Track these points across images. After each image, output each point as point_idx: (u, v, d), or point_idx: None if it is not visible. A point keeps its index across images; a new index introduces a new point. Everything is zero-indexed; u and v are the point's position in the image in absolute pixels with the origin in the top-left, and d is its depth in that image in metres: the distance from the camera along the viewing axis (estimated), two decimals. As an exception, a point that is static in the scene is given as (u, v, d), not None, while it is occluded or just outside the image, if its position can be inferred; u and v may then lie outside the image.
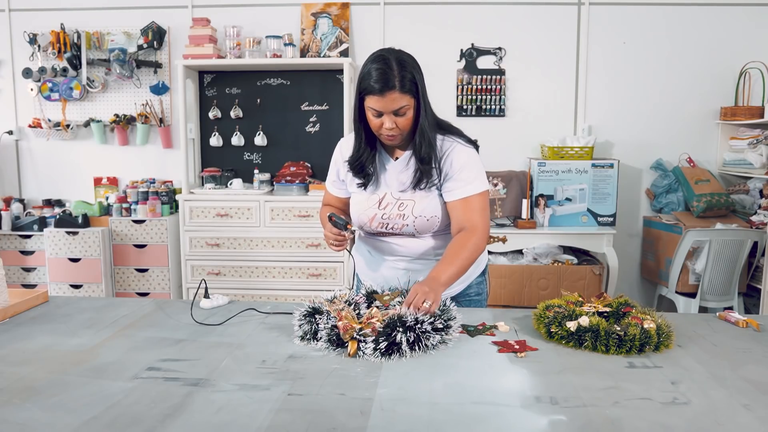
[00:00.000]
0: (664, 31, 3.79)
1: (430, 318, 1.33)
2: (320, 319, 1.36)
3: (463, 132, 1.68)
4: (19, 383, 1.14)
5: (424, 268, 1.69)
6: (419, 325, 1.30)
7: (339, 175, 1.75)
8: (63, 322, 1.52)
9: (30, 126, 4.04)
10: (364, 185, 1.67)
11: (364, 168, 1.65)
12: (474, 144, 1.67)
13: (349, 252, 1.78)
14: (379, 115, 1.52)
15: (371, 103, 1.51)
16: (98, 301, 1.74)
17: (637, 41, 3.80)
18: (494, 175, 3.62)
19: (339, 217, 1.60)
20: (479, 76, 3.86)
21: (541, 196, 3.55)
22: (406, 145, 1.65)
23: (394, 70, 1.49)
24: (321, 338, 1.33)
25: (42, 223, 3.77)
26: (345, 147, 1.72)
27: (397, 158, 1.66)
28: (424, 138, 1.57)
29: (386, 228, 1.66)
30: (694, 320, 1.55)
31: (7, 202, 3.95)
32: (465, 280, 1.74)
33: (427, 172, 1.59)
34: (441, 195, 1.63)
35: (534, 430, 0.97)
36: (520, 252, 3.56)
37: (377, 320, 1.31)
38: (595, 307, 1.45)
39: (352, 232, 1.58)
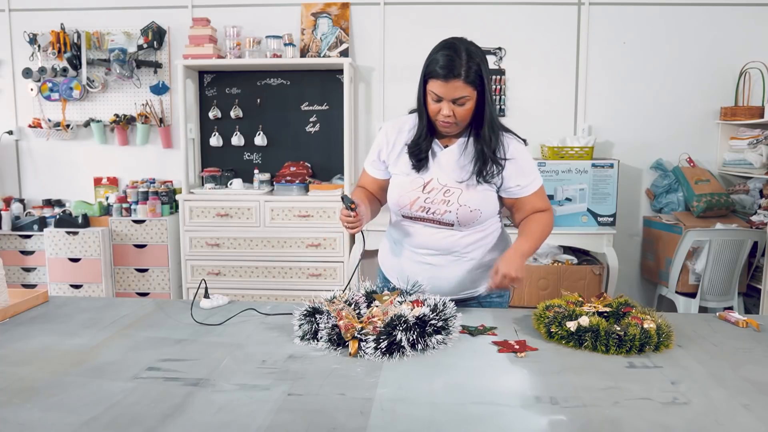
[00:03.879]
0: (664, 31, 3.78)
1: (431, 318, 1.33)
2: (320, 318, 1.36)
3: (511, 129, 1.71)
4: (19, 383, 1.14)
5: (447, 263, 1.68)
6: (420, 325, 1.31)
7: (380, 156, 1.75)
8: (63, 322, 1.52)
9: (30, 126, 4.04)
10: (417, 168, 1.67)
11: (420, 151, 1.66)
12: (524, 141, 1.71)
13: (362, 235, 1.78)
14: (439, 100, 1.55)
15: (434, 87, 1.54)
16: (98, 301, 1.75)
17: (637, 41, 3.80)
18: (494, 175, 3.62)
19: (346, 197, 1.60)
20: (479, 76, 3.85)
21: (541, 196, 3.54)
22: (458, 135, 1.67)
23: (462, 59, 1.51)
24: (321, 338, 1.33)
25: (42, 223, 3.77)
26: (391, 129, 1.74)
27: (447, 146, 1.68)
28: (493, 130, 1.60)
29: (427, 212, 1.65)
30: (694, 320, 1.55)
31: (7, 202, 3.95)
32: (488, 280, 1.74)
33: (494, 161, 1.61)
34: (495, 191, 1.66)
35: (534, 430, 0.97)
36: (520, 252, 3.56)
37: (378, 319, 1.32)
38: (595, 307, 1.45)
39: (354, 209, 1.58)
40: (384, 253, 1.84)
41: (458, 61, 1.51)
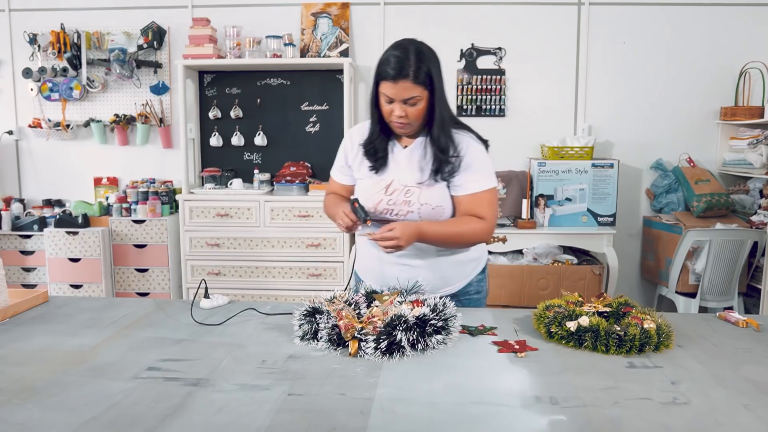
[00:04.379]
0: (664, 31, 3.79)
1: (430, 318, 1.33)
2: (320, 318, 1.36)
3: (474, 130, 1.70)
4: (19, 383, 1.14)
5: (421, 264, 1.68)
6: (420, 325, 1.31)
7: (347, 161, 1.77)
8: (63, 322, 1.52)
9: (30, 126, 4.04)
10: (375, 169, 1.68)
11: (376, 152, 1.68)
12: (485, 143, 1.69)
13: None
14: (391, 101, 1.56)
15: (384, 88, 1.55)
16: (98, 301, 1.74)
17: (637, 41, 3.80)
18: (494, 175, 3.62)
19: (363, 208, 1.61)
20: (479, 76, 3.85)
21: (541, 196, 3.55)
22: (416, 135, 1.67)
23: (411, 60, 1.53)
24: (321, 338, 1.33)
25: (42, 223, 3.77)
26: (356, 134, 1.75)
27: (406, 146, 1.68)
28: (443, 130, 1.60)
29: (391, 214, 1.66)
30: (694, 320, 1.55)
31: (7, 202, 3.95)
32: (465, 277, 1.75)
33: (446, 161, 1.60)
34: (449, 187, 1.64)
35: (534, 430, 0.97)
36: (520, 252, 3.56)
37: (378, 319, 1.32)
38: (595, 307, 1.44)
39: (367, 225, 1.60)
40: (359, 257, 1.81)
41: (407, 62, 1.52)
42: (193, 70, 3.85)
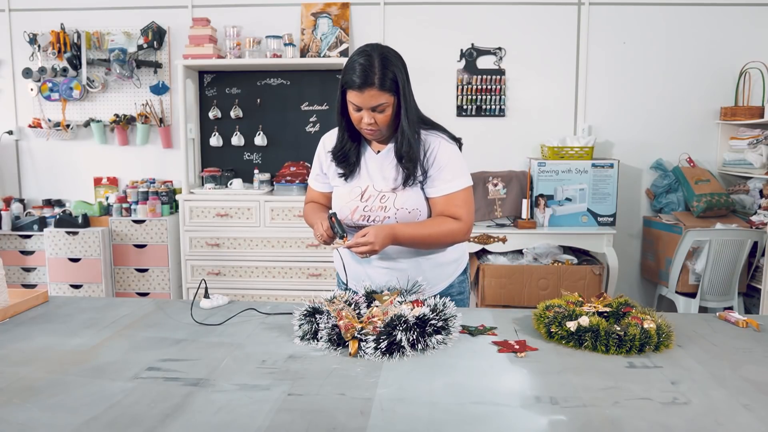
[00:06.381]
0: (664, 31, 3.79)
1: (430, 318, 1.33)
2: (320, 318, 1.36)
3: (446, 129, 1.69)
4: (19, 383, 1.14)
5: (402, 267, 1.68)
6: (420, 325, 1.31)
7: (322, 169, 1.77)
8: (63, 322, 1.52)
9: (30, 126, 4.04)
10: (346, 176, 1.68)
11: (347, 158, 1.67)
12: (457, 141, 1.68)
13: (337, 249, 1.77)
14: (359, 109, 1.55)
15: (351, 97, 1.53)
16: (98, 301, 1.74)
17: (637, 41, 3.80)
18: (494, 175, 3.62)
19: (339, 223, 1.59)
20: (479, 76, 3.85)
21: (541, 196, 3.55)
22: (388, 139, 1.66)
23: (375, 67, 1.50)
24: (321, 338, 1.33)
25: (42, 223, 3.77)
26: (328, 141, 1.75)
27: (378, 152, 1.68)
28: (404, 137, 1.58)
29: (368, 220, 1.65)
30: (694, 320, 1.55)
31: (7, 202, 3.95)
32: (447, 278, 1.74)
33: (409, 169, 1.60)
34: (423, 189, 1.64)
35: (534, 430, 0.97)
36: (520, 252, 3.56)
37: (378, 319, 1.32)
38: (595, 307, 1.44)
39: (343, 240, 1.58)
40: (340, 261, 1.79)
41: (371, 69, 1.49)
42: (193, 70, 3.85)
